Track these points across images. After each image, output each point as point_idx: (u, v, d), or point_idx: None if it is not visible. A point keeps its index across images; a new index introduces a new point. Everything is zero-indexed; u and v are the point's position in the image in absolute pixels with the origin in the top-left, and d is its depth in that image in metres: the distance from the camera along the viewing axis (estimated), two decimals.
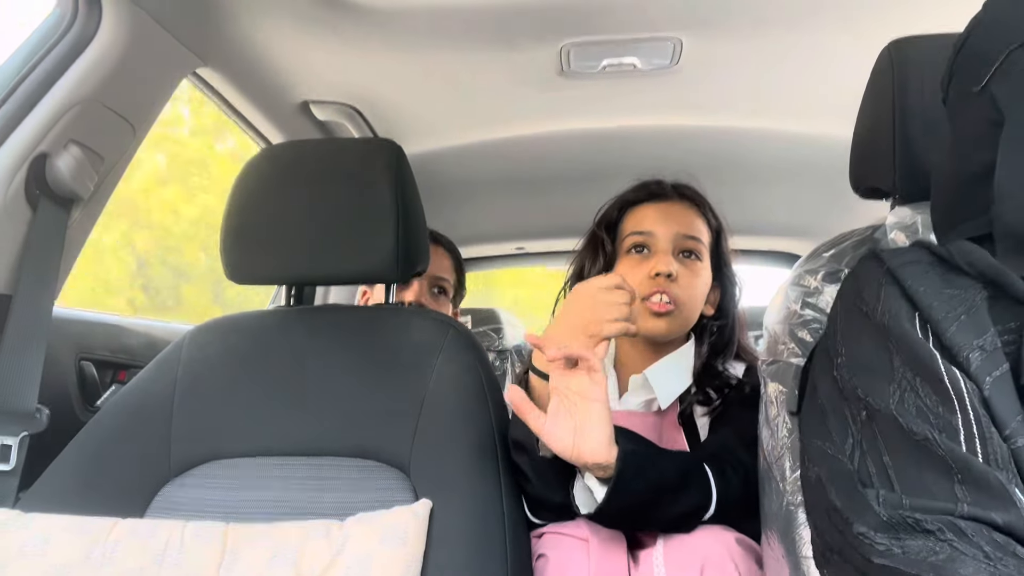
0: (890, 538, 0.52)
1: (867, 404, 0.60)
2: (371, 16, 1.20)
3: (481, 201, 2.15)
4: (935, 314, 0.59)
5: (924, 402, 0.57)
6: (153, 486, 0.92)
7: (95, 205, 1.17)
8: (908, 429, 0.56)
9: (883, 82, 0.86)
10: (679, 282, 1.08)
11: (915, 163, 0.82)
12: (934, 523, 0.51)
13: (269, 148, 1.18)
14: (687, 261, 1.12)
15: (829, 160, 1.61)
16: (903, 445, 0.56)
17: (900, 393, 0.58)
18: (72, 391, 1.27)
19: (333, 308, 1.13)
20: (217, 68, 1.31)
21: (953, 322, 0.58)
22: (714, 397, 1.09)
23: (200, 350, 1.04)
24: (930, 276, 0.62)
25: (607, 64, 1.36)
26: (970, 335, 0.57)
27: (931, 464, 0.54)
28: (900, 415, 0.57)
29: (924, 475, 0.54)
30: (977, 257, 0.60)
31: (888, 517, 0.53)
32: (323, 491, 0.89)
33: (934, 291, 0.60)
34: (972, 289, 0.60)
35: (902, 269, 0.63)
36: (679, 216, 1.14)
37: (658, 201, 1.17)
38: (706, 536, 0.90)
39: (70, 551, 0.80)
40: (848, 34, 1.25)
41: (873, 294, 0.64)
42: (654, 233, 1.12)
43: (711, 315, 1.16)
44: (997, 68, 0.62)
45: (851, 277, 0.70)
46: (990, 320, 0.58)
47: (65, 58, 1.05)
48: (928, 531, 0.51)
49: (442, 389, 0.96)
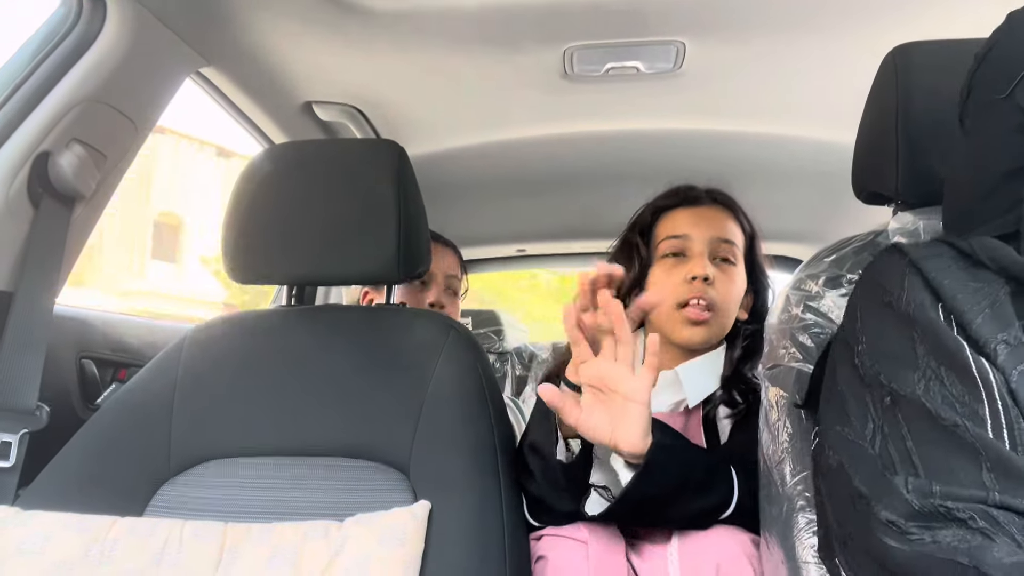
0: (921, 527, 0.51)
1: (891, 390, 0.59)
2: (376, 17, 1.20)
3: (483, 203, 2.15)
4: (960, 305, 0.59)
5: (950, 391, 0.56)
6: (152, 485, 0.92)
7: (97, 203, 1.18)
8: (936, 415, 0.55)
9: (886, 87, 0.86)
10: (716, 287, 1.08)
11: (918, 169, 0.82)
12: (966, 511, 0.50)
13: (272, 148, 1.18)
14: (723, 266, 1.11)
15: (831, 165, 1.61)
16: (930, 431, 0.56)
17: (925, 381, 0.58)
18: (72, 389, 1.27)
19: (334, 308, 1.13)
20: (221, 68, 1.31)
21: (979, 314, 0.58)
22: (739, 401, 1.08)
23: (201, 349, 1.04)
24: (953, 269, 0.62)
25: (610, 67, 1.37)
26: (995, 328, 0.57)
27: (959, 450, 0.54)
28: (928, 401, 0.57)
29: (951, 461, 0.54)
30: (1001, 253, 0.61)
31: (920, 505, 0.52)
32: (322, 491, 0.89)
33: (958, 283, 0.61)
34: (995, 284, 0.60)
35: (925, 261, 0.64)
36: (714, 220, 1.14)
37: (692, 206, 1.17)
38: (722, 535, 0.89)
39: (69, 549, 0.80)
40: (850, 39, 1.25)
41: (896, 284, 0.64)
42: (689, 236, 1.12)
43: (744, 320, 1.16)
44: (1022, 77, 0.63)
45: (871, 269, 0.70)
46: (1015, 314, 0.58)
47: (69, 57, 1.05)
48: (960, 520, 0.50)
49: (442, 390, 0.96)
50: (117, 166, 1.18)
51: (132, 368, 1.40)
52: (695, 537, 0.90)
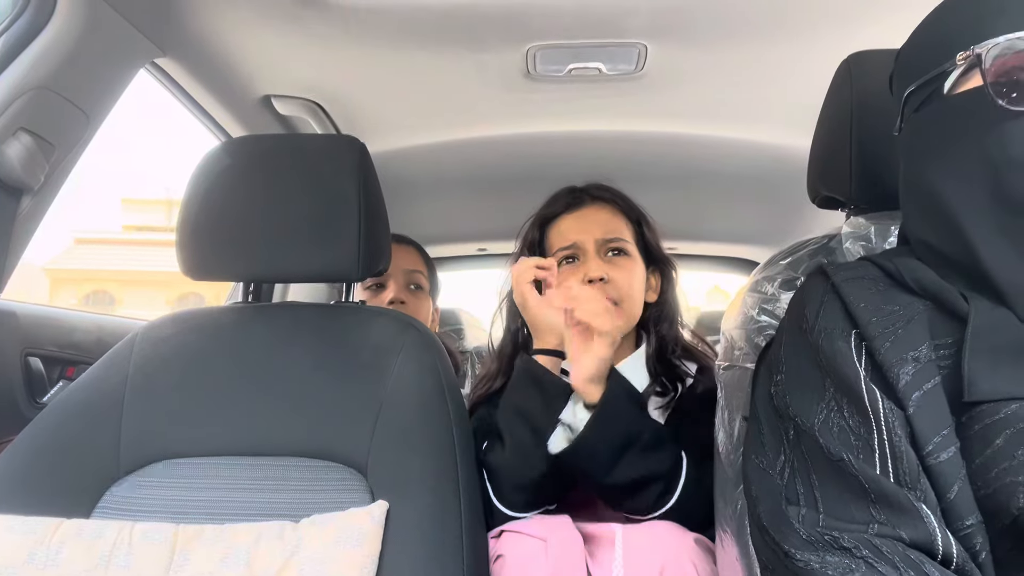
0: (810, 554, 0.54)
1: (796, 424, 0.62)
2: (337, 11, 1.19)
3: (444, 201, 2.14)
4: (872, 330, 0.60)
5: (848, 422, 0.59)
6: (101, 485, 0.89)
7: (45, 195, 1.14)
8: (827, 450, 0.58)
9: (841, 94, 0.88)
10: (614, 281, 1.13)
11: (871, 174, 0.84)
12: (850, 540, 0.53)
13: (229, 141, 1.16)
14: (616, 259, 1.16)
15: (788, 170, 1.64)
16: (825, 466, 0.58)
17: (827, 413, 0.60)
18: (17, 386, 1.23)
19: (291, 306, 1.11)
20: (176, 59, 1.28)
21: (889, 338, 0.60)
22: (669, 389, 1.12)
23: (153, 347, 1.02)
24: (872, 292, 0.64)
25: (573, 68, 1.37)
26: (905, 347, 0.59)
27: (847, 485, 0.57)
28: (821, 435, 0.59)
29: (843, 495, 0.57)
30: (922, 275, 0.62)
31: (807, 535, 0.55)
32: (278, 491, 0.88)
33: (874, 307, 0.62)
34: (914, 304, 0.62)
35: (846, 284, 0.65)
36: (598, 219, 1.19)
37: (575, 210, 1.21)
38: (666, 536, 0.91)
39: (12, 552, 0.77)
40: (809, 47, 1.28)
41: (813, 311, 0.66)
42: (577, 243, 1.17)
43: (655, 301, 1.21)
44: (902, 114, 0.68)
45: (799, 292, 0.71)
46: (928, 333, 0.60)
47: (16, 43, 1.02)
48: (845, 548, 0.53)
49: (401, 389, 0.95)
50: (67, 157, 1.14)
51: (81, 365, 1.37)
52: (638, 539, 0.91)
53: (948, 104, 0.62)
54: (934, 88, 0.64)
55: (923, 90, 0.65)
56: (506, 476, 1.02)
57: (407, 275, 1.64)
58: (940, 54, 0.63)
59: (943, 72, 0.62)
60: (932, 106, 0.64)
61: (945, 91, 0.63)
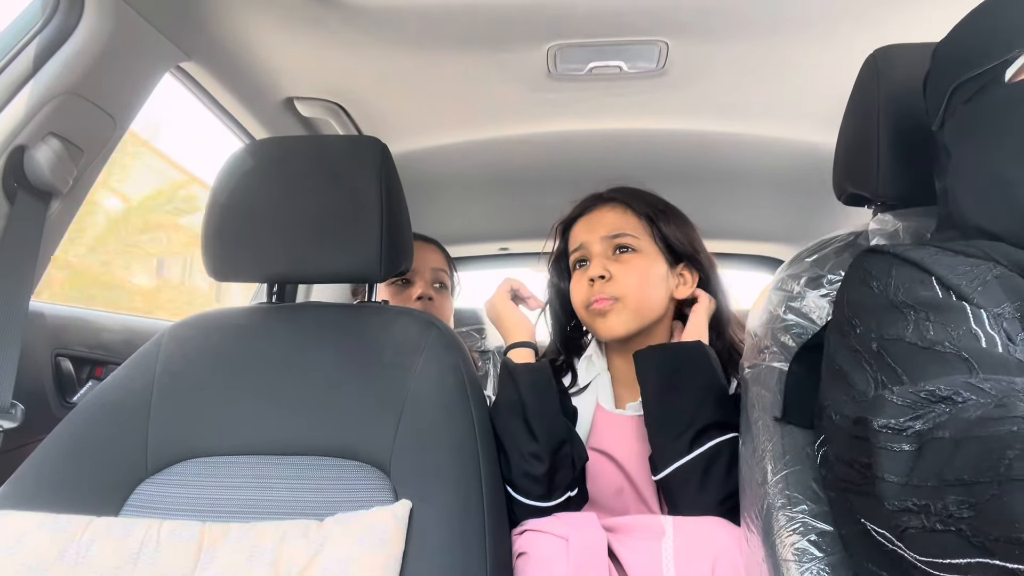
0: (912, 418, 0.52)
1: (883, 348, 0.62)
2: (358, 13, 1.19)
3: (465, 201, 2.14)
4: (956, 280, 0.62)
5: (942, 326, 0.59)
6: (129, 484, 0.90)
7: (74, 199, 1.16)
8: (914, 344, 0.58)
9: (868, 89, 0.86)
10: (616, 278, 1.13)
11: (898, 170, 0.82)
12: (947, 389, 0.51)
13: (252, 144, 1.17)
14: (623, 256, 1.16)
15: (813, 166, 1.62)
16: (916, 356, 0.58)
17: (915, 327, 0.60)
18: (48, 387, 1.26)
19: (315, 306, 1.12)
20: (201, 63, 1.29)
21: (976, 288, 0.61)
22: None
23: (179, 347, 1.03)
24: (939, 257, 0.65)
25: (594, 66, 1.37)
26: (989, 304, 0.60)
27: (942, 361, 0.56)
28: (913, 339, 0.59)
29: (934, 369, 0.56)
30: (991, 248, 0.64)
31: (903, 400, 0.54)
32: (302, 491, 0.88)
33: (948, 266, 0.63)
34: (981, 269, 0.63)
35: (911, 251, 0.66)
36: (604, 219, 1.19)
37: (587, 213, 1.23)
38: (717, 530, 0.90)
39: (43, 550, 0.78)
40: (833, 41, 1.26)
41: (884, 273, 0.66)
42: (584, 244, 1.19)
43: (688, 297, 1.18)
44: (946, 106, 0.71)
45: (856, 266, 0.71)
46: (1005, 296, 0.61)
47: (45, 50, 1.03)
48: (945, 397, 0.51)
49: (424, 389, 0.95)
50: (95, 161, 1.16)
51: (109, 366, 1.39)
52: (690, 530, 0.90)
53: (1013, 91, 0.65)
54: (991, 78, 0.66)
55: (976, 81, 0.67)
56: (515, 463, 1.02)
57: (434, 273, 1.64)
58: (997, 46, 0.66)
59: (1004, 62, 0.65)
60: (990, 95, 0.66)
61: (1007, 79, 0.65)
